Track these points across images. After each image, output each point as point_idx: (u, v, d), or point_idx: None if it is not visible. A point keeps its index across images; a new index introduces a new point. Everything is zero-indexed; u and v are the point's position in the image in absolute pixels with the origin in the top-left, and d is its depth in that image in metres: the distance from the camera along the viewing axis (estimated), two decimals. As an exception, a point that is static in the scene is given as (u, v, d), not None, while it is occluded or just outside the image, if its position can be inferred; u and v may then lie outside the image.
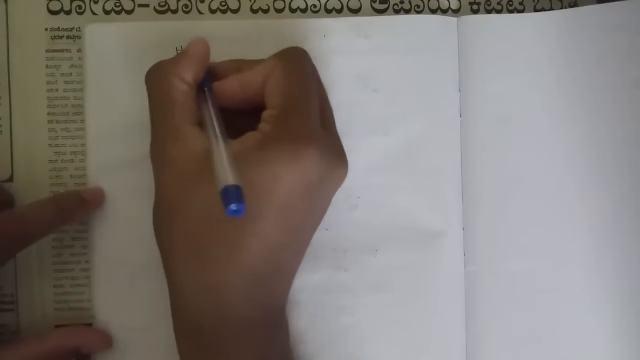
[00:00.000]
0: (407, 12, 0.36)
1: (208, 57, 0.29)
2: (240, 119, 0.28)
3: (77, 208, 0.32)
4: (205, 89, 0.28)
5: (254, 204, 0.23)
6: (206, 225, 0.25)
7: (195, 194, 0.25)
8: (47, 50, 0.34)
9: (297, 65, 0.28)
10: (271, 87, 0.27)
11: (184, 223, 0.26)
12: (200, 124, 0.27)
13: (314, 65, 0.29)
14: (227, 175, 0.23)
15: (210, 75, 0.29)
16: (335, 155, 0.27)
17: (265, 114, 0.27)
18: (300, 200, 0.26)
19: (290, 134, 0.25)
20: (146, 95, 0.28)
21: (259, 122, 0.27)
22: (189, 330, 0.27)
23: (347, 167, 0.28)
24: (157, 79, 0.28)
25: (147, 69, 0.28)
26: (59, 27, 0.34)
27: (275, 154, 0.25)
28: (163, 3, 0.35)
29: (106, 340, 0.32)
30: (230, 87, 0.28)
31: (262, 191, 0.25)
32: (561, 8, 0.37)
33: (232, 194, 0.22)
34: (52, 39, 0.34)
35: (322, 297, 0.33)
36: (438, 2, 0.36)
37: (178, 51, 0.33)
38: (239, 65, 0.29)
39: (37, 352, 0.30)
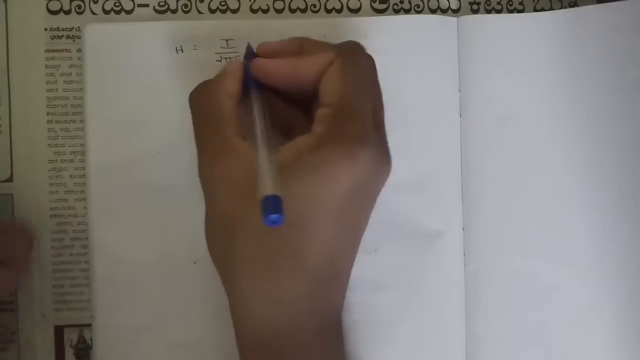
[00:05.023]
0: (407, 12, 0.36)
1: (243, 75, 0.29)
2: (289, 109, 0.28)
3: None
4: (252, 92, 0.28)
5: (312, 210, 0.23)
6: (268, 237, 0.25)
7: (254, 207, 0.25)
8: (46, 50, 0.34)
9: (355, 63, 0.28)
10: (327, 83, 0.27)
11: (245, 237, 0.26)
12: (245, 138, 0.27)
13: (372, 61, 0.29)
14: (265, 185, 0.23)
15: (257, 79, 0.29)
16: (383, 155, 0.27)
17: (319, 114, 0.27)
18: (354, 201, 0.26)
19: (344, 136, 0.25)
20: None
21: (308, 112, 0.27)
22: (256, 343, 0.26)
23: (391, 165, 0.28)
24: (204, 97, 0.28)
25: (192, 90, 0.28)
26: (58, 27, 0.34)
27: (330, 156, 0.25)
28: (163, 3, 0.35)
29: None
30: (284, 70, 0.28)
31: (320, 196, 0.25)
32: (561, 8, 0.36)
33: (270, 204, 0.22)
34: (52, 38, 0.34)
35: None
36: (438, 2, 0.36)
37: (178, 51, 0.33)
38: (301, 43, 0.29)
39: None
